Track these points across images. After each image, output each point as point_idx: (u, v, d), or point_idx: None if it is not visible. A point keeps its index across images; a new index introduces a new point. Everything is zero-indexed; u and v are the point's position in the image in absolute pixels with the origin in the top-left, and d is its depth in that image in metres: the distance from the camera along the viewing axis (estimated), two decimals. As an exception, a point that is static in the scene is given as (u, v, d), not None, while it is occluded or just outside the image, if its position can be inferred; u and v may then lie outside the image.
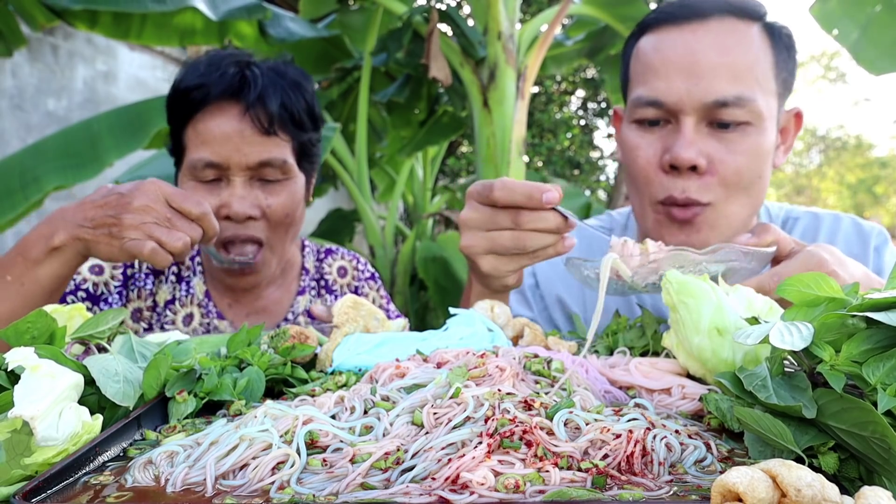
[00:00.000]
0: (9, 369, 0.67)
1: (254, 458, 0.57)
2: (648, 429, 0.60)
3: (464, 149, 9.82)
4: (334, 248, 1.74)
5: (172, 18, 3.59)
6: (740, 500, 0.44)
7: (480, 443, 0.56)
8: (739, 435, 0.63)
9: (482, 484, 0.52)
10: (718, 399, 0.67)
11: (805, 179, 25.05)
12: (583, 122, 10.98)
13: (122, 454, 0.64)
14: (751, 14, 1.22)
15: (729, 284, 0.84)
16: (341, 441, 0.60)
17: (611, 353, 0.95)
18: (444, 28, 4.26)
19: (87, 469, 0.60)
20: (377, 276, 1.74)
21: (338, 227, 5.40)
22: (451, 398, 0.63)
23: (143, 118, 3.06)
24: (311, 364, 0.93)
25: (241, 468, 0.57)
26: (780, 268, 0.98)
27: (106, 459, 0.63)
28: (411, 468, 0.55)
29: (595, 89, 10.45)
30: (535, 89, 10.04)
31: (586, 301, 1.44)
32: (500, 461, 0.55)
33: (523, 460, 0.55)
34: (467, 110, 4.64)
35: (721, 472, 0.47)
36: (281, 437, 0.59)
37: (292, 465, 0.56)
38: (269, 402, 0.70)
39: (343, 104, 4.80)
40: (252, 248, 1.41)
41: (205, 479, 0.56)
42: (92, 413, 0.66)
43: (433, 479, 0.53)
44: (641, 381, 0.79)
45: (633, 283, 0.97)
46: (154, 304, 1.52)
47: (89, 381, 0.70)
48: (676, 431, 0.62)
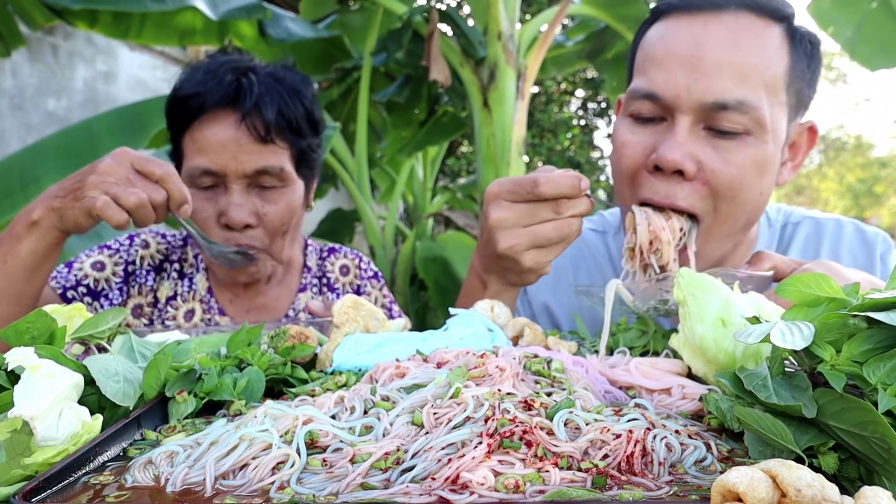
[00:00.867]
0: (9, 369, 0.67)
1: (254, 458, 0.57)
2: (648, 429, 0.60)
3: (464, 149, 9.82)
4: (337, 246, 1.74)
5: (172, 18, 3.59)
6: (740, 500, 0.43)
7: (480, 443, 0.56)
8: (739, 435, 0.63)
9: (482, 484, 0.52)
10: (718, 399, 0.67)
11: (805, 179, 25.04)
12: (583, 122, 10.99)
13: (122, 454, 0.64)
14: (773, 13, 1.11)
15: None
16: (341, 441, 0.60)
17: (611, 353, 0.95)
18: (444, 28, 4.26)
19: (87, 469, 0.60)
20: (380, 275, 1.75)
21: (338, 228, 5.41)
22: (451, 398, 0.63)
23: (143, 118, 3.06)
24: (311, 364, 0.93)
25: (241, 468, 0.57)
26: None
27: (106, 459, 0.63)
28: (411, 468, 0.55)
29: (595, 89, 10.46)
30: (535, 89, 10.04)
31: (575, 311, 1.43)
32: (500, 461, 0.55)
33: (523, 460, 0.55)
34: (467, 110, 4.64)
35: (721, 472, 0.47)
36: (281, 437, 0.59)
37: (292, 465, 0.56)
38: (269, 402, 0.70)
39: (343, 104, 4.80)
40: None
41: (204, 479, 0.55)
42: (92, 413, 0.66)
43: (433, 479, 0.53)
44: (641, 381, 0.79)
45: (636, 307, 1.01)
46: (155, 299, 1.53)
47: (89, 381, 0.70)
48: (676, 431, 0.62)
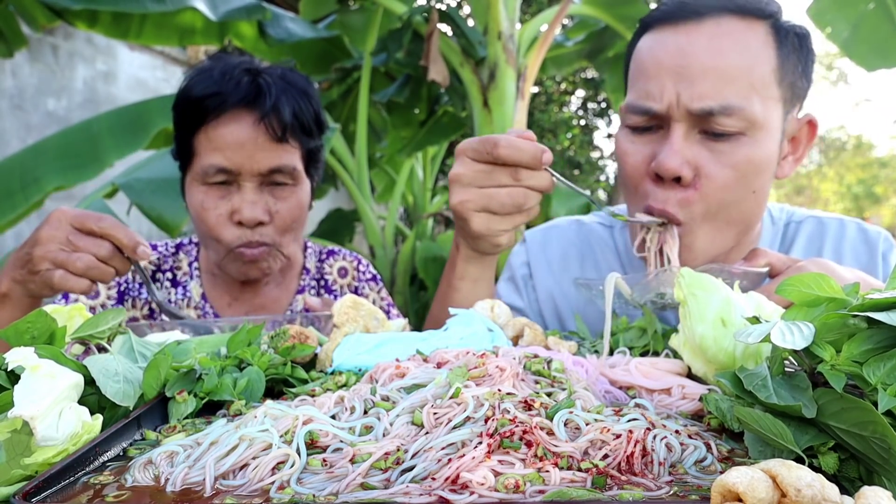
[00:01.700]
0: (9, 369, 0.67)
1: (254, 458, 0.57)
2: (648, 429, 0.60)
3: (464, 149, 9.79)
4: (336, 249, 1.75)
5: (172, 18, 3.59)
6: (740, 500, 0.43)
7: (480, 443, 0.56)
8: (739, 435, 0.63)
9: (482, 484, 0.52)
10: (718, 399, 0.67)
11: (805, 179, 25.04)
12: (583, 122, 10.97)
13: (122, 454, 0.64)
14: (756, 12, 1.13)
15: None
16: (341, 441, 0.60)
17: (611, 353, 0.95)
18: (444, 28, 4.26)
19: (87, 469, 0.60)
20: (379, 278, 1.76)
21: (338, 228, 5.40)
22: (451, 398, 0.63)
23: (143, 118, 3.05)
24: (311, 364, 0.93)
25: (241, 468, 0.57)
26: (771, 285, 1.02)
27: (106, 459, 0.63)
28: (411, 468, 0.55)
29: (595, 89, 10.45)
30: (535, 89, 10.04)
31: (577, 307, 1.44)
32: (500, 461, 0.55)
33: (523, 460, 0.55)
34: (467, 110, 4.64)
35: (721, 472, 0.47)
36: (281, 437, 0.59)
37: (292, 465, 0.56)
38: (269, 402, 0.70)
39: (343, 104, 4.80)
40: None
41: (204, 479, 0.55)
42: (92, 413, 0.66)
43: (433, 479, 0.53)
44: (641, 381, 0.80)
45: (634, 300, 1.02)
46: (150, 311, 1.54)
47: (89, 381, 0.70)
48: (676, 431, 0.62)
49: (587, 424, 0.61)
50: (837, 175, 23.72)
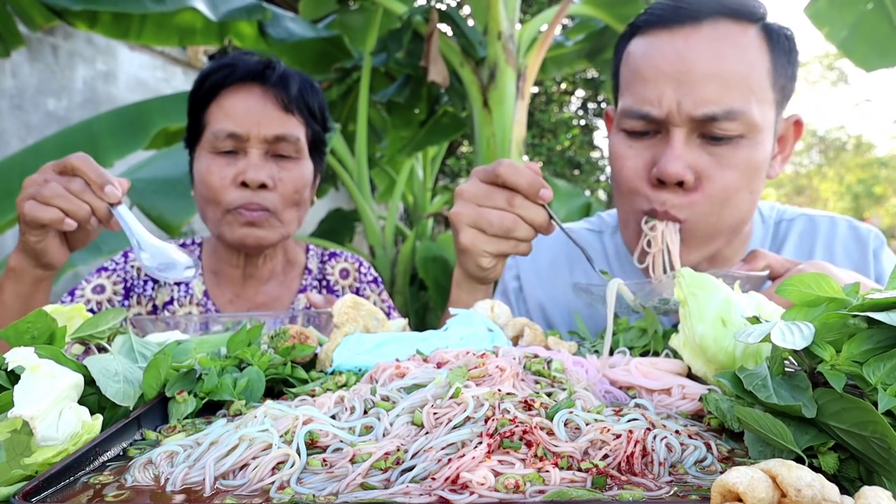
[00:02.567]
0: (9, 369, 0.67)
1: (254, 458, 0.57)
2: (648, 429, 0.60)
3: (464, 149, 9.81)
4: (338, 251, 1.78)
5: (172, 18, 3.59)
6: (740, 500, 0.43)
7: (480, 443, 0.56)
8: (739, 435, 0.63)
9: (482, 484, 0.52)
10: (718, 399, 0.67)
11: (805, 179, 25.04)
12: (583, 123, 10.98)
13: (122, 454, 0.64)
14: (748, 16, 1.14)
15: None
16: (341, 441, 0.60)
17: (611, 353, 0.95)
18: (444, 28, 4.26)
19: (87, 469, 0.60)
20: (380, 280, 1.78)
21: (338, 228, 5.40)
22: (451, 398, 0.63)
23: (143, 118, 3.06)
24: (311, 364, 0.93)
25: (241, 468, 0.57)
26: (771, 287, 1.03)
27: (106, 459, 0.63)
28: (411, 468, 0.55)
29: (595, 89, 10.45)
30: (535, 89, 10.04)
31: (570, 309, 1.44)
32: (500, 461, 0.55)
33: (523, 460, 0.55)
34: (467, 110, 4.64)
35: (721, 472, 0.47)
36: (281, 437, 0.59)
37: (292, 465, 0.56)
38: (269, 402, 0.70)
39: (343, 104, 4.80)
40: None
41: (204, 479, 0.55)
42: (92, 413, 0.66)
43: (433, 479, 0.53)
44: (641, 381, 0.80)
45: (636, 306, 1.03)
46: (154, 307, 1.57)
47: (89, 381, 0.70)
48: (676, 432, 0.62)
49: (587, 424, 0.61)
50: (837, 175, 23.72)
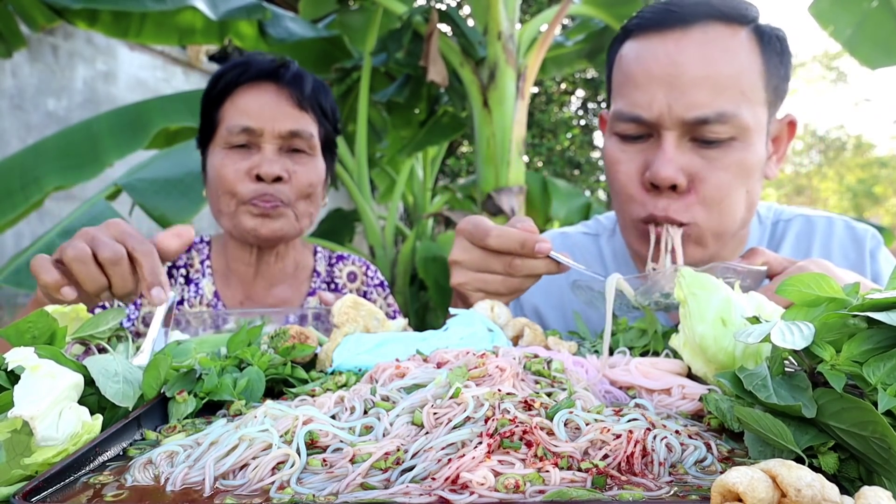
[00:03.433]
0: (9, 369, 0.67)
1: (254, 458, 0.57)
2: (648, 429, 0.60)
3: (464, 149, 9.81)
4: (346, 254, 1.79)
5: (172, 18, 3.59)
6: (740, 500, 0.43)
7: (480, 443, 0.56)
8: (739, 435, 0.63)
9: (482, 484, 0.52)
10: (718, 399, 0.67)
11: (805, 179, 25.04)
12: (583, 123, 10.97)
13: (122, 454, 0.64)
14: (739, 18, 1.14)
15: None
16: (341, 441, 0.60)
17: (611, 353, 0.95)
18: (444, 28, 4.25)
19: (87, 469, 0.60)
20: (386, 284, 1.79)
21: (338, 228, 5.40)
22: (451, 398, 0.63)
23: (143, 118, 3.06)
24: (311, 364, 0.93)
25: (241, 468, 0.57)
26: (772, 285, 1.02)
27: (106, 459, 0.63)
28: (411, 468, 0.55)
29: (595, 89, 10.45)
30: (535, 89, 10.04)
31: (565, 311, 1.44)
32: (500, 461, 0.54)
33: (523, 460, 0.55)
34: (467, 110, 4.64)
35: (721, 472, 0.47)
36: (281, 437, 0.59)
37: (292, 465, 0.56)
38: (269, 402, 0.70)
39: (343, 104, 4.80)
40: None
41: (204, 479, 0.55)
42: (92, 413, 0.66)
43: (433, 479, 0.53)
44: (641, 381, 0.79)
45: (637, 302, 1.02)
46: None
47: (89, 381, 0.70)
48: (677, 432, 0.62)
49: (587, 424, 0.61)
50: (837, 175, 23.71)
